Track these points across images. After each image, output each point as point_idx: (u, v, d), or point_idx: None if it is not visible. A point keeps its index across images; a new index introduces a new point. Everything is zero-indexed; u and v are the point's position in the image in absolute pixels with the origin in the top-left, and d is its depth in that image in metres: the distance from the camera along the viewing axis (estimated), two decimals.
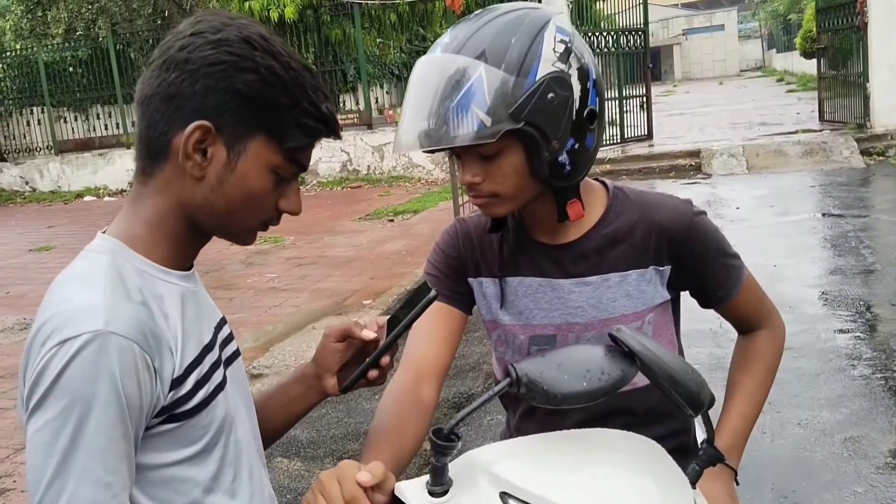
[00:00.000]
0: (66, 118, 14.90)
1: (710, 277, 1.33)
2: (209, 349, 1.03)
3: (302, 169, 1.03)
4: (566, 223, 1.27)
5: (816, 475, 3.08)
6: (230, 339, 1.12)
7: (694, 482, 1.04)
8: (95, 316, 0.88)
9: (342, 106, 13.11)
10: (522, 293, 1.34)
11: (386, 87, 13.47)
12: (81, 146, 14.55)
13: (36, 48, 15.00)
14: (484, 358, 4.53)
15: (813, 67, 15.97)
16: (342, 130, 1.08)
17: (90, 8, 17.05)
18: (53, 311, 0.90)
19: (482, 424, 3.64)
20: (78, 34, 16.42)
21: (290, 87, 0.97)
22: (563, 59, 1.14)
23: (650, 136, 13.03)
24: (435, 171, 12.03)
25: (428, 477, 0.92)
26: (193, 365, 0.98)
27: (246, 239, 1.06)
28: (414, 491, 0.93)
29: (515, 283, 1.34)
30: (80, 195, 13.95)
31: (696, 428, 1.46)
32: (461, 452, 0.95)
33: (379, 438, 1.17)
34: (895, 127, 10.91)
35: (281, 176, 1.01)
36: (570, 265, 1.31)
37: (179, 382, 0.95)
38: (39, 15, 17.50)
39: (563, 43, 1.15)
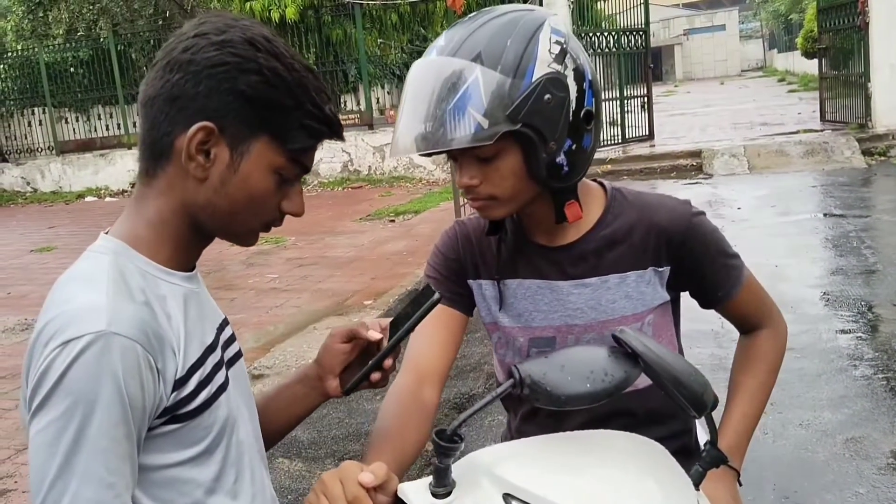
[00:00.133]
0: (67, 119, 14.91)
1: (709, 278, 1.33)
2: (212, 350, 1.03)
3: (305, 170, 1.03)
4: (564, 225, 1.27)
5: (818, 476, 3.07)
6: (232, 339, 1.12)
7: (697, 484, 1.04)
8: (98, 316, 0.88)
9: (343, 106, 13.11)
10: (521, 295, 1.34)
11: (387, 87, 13.45)
12: (83, 147, 14.57)
13: (37, 49, 15.00)
14: (485, 358, 4.53)
15: (814, 67, 15.95)
16: (344, 131, 1.08)
17: (91, 8, 17.04)
18: (56, 311, 0.90)
19: (483, 425, 3.63)
20: (79, 35, 16.41)
21: (293, 88, 0.97)
22: (558, 60, 1.14)
23: (651, 136, 13.02)
24: (436, 171, 12.03)
25: (431, 478, 0.92)
26: (196, 366, 0.98)
27: (248, 240, 1.06)
28: (417, 492, 0.93)
29: (514, 285, 1.34)
30: (81, 196, 13.97)
31: (696, 429, 1.46)
32: (464, 454, 0.95)
33: (381, 441, 1.17)
34: None
35: (284, 177, 1.01)
36: (568, 267, 1.30)
37: (182, 383, 0.95)
38: (41, 15, 17.48)
39: (558, 44, 1.15)
